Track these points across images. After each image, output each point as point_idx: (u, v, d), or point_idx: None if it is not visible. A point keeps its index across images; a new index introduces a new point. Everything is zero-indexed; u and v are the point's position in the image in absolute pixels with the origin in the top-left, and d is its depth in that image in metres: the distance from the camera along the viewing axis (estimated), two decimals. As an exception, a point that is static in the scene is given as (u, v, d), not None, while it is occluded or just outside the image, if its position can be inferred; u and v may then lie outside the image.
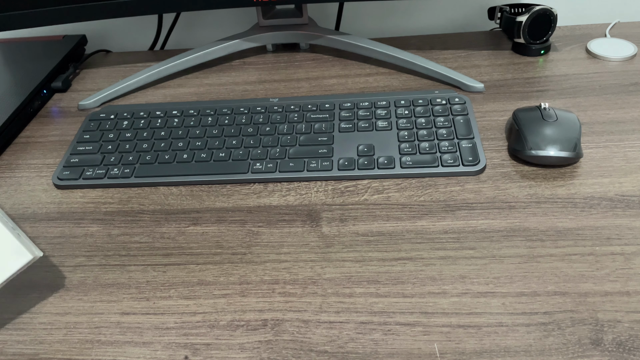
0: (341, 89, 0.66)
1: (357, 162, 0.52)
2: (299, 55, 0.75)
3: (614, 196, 0.47)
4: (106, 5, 0.64)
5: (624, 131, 0.54)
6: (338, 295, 0.41)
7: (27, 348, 0.40)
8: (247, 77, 0.71)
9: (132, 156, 0.56)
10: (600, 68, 0.65)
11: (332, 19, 0.82)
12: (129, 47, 0.87)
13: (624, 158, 0.51)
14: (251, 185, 0.53)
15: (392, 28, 0.84)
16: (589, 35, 0.72)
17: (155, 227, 0.49)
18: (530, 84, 0.63)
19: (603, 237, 0.44)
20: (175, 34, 0.85)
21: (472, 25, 0.82)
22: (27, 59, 0.75)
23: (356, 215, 0.48)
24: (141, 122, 0.61)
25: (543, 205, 0.47)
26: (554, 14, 0.66)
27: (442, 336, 0.38)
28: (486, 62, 0.69)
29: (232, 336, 0.39)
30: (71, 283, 0.45)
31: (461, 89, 0.63)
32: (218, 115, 0.60)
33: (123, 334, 0.40)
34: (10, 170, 0.58)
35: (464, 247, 0.44)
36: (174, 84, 0.71)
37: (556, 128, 0.51)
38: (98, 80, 0.74)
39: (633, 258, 0.42)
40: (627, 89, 0.61)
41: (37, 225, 0.51)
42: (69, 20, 0.65)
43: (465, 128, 0.55)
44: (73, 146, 0.58)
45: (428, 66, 0.65)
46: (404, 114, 0.58)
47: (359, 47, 0.69)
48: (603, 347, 0.36)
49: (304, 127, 0.57)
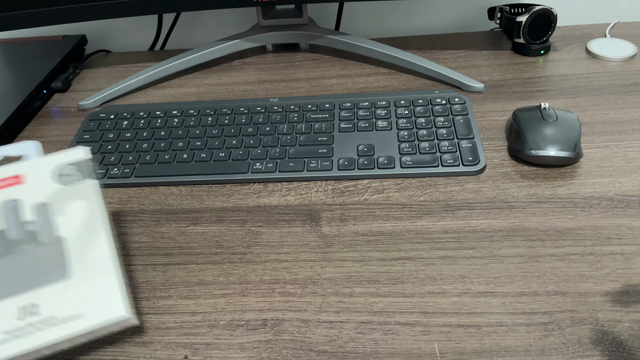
0: (341, 89, 0.66)
1: (357, 162, 0.52)
2: (299, 55, 0.75)
3: (614, 196, 0.47)
4: (106, 5, 0.64)
5: (624, 131, 0.54)
6: (338, 295, 0.41)
7: (27, 348, 0.40)
8: (247, 77, 0.71)
9: (132, 156, 0.56)
10: (600, 68, 0.65)
11: (332, 19, 0.82)
12: (128, 47, 0.87)
13: (624, 158, 0.51)
14: (251, 185, 0.52)
15: (392, 28, 0.84)
16: (589, 35, 0.72)
17: (155, 227, 0.49)
18: (530, 84, 0.63)
19: (603, 237, 0.44)
20: (175, 34, 0.85)
21: (472, 25, 0.82)
22: (27, 59, 0.75)
23: (356, 215, 0.48)
24: (141, 122, 0.61)
25: (543, 205, 0.47)
26: (554, 14, 0.66)
27: (442, 336, 0.38)
28: (486, 62, 0.69)
29: (232, 336, 0.39)
30: (71, 283, 0.45)
31: (461, 89, 0.63)
32: (218, 115, 0.60)
33: (123, 333, 0.40)
34: (10, 170, 0.58)
35: (463, 247, 0.44)
36: (174, 84, 0.71)
37: (556, 128, 0.51)
38: (98, 80, 0.74)
39: (633, 258, 0.42)
40: (627, 89, 0.61)
41: (37, 225, 0.51)
42: (68, 20, 0.65)
43: (465, 128, 0.55)
44: (73, 146, 0.58)
45: (428, 66, 0.65)
46: (404, 114, 0.58)
47: (359, 47, 0.69)
48: (603, 346, 0.36)
49: (304, 127, 0.57)
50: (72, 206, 0.39)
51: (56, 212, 0.39)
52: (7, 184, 0.39)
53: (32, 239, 0.38)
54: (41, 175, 0.40)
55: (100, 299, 0.36)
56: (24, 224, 0.38)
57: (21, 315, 0.35)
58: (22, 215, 0.39)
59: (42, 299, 0.36)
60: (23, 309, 0.35)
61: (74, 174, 0.40)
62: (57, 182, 0.40)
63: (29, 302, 0.36)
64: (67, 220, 0.39)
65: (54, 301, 0.36)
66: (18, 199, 0.39)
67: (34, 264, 0.37)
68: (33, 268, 0.37)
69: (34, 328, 0.35)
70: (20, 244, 0.38)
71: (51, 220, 0.39)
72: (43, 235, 0.38)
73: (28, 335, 0.34)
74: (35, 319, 0.35)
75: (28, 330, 0.35)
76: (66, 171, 0.40)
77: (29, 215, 0.39)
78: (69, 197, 0.39)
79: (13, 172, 0.40)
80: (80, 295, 0.36)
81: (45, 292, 0.36)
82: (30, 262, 0.37)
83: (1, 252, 0.37)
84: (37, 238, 0.38)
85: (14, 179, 0.40)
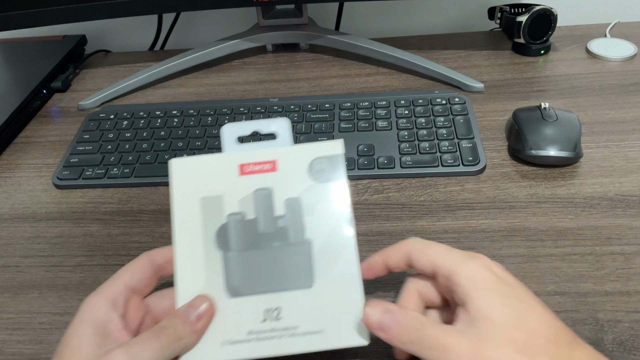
0: (341, 89, 0.66)
1: (357, 162, 0.52)
2: (299, 55, 0.75)
3: (614, 196, 0.47)
4: (106, 5, 0.64)
5: (624, 131, 0.54)
6: (338, 295, 0.41)
7: (27, 348, 0.40)
8: (247, 77, 0.71)
9: (132, 156, 0.56)
10: (600, 68, 0.65)
11: (332, 19, 0.82)
12: (128, 47, 0.87)
13: (624, 158, 0.51)
14: (251, 185, 0.52)
15: (392, 28, 0.84)
16: (589, 35, 0.72)
17: (155, 227, 0.49)
18: (530, 84, 0.63)
19: (603, 237, 0.44)
20: (175, 34, 0.84)
21: (472, 25, 0.82)
22: (26, 59, 0.75)
23: (356, 215, 0.48)
24: (141, 122, 0.60)
25: (543, 205, 0.47)
26: (554, 14, 0.66)
27: (442, 336, 0.38)
28: (486, 62, 0.69)
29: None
30: (71, 283, 0.45)
31: (461, 88, 0.63)
32: (218, 115, 0.60)
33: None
34: (10, 170, 0.58)
35: (464, 247, 0.44)
36: (174, 84, 0.71)
37: (556, 128, 0.51)
38: (98, 80, 0.74)
39: (633, 258, 0.42)
40: (628, 89, 0.61)
41: (37, 225, 0.51)
42: (68, 20, 0.65)
43: (465, 128, 0.55)
44: (73, 146, 0.58)
45: (428, 66, 0.65)
46: (404, 114, 0.57)
47: (359, 47, 0.69)
48: (603, 347, 0.36)
49: (304, 127, 0.57)
50: (321, 207, 0.35)
51: (305, 210, 0.35)
52: (261, 170, 0.35)
53: (281, 236, 0.34)
54: (295, 167, 0.35)
55: (343, 319, 0.33)
56: (275, 218, 0.35)
57: (265, 318, 0.33)
58: (273, 208, 0.35)
59: (286, 304, 0.33)
60: (268, 311, 0.33)
61: (326, 170, 0.35)
62: (310, 177, 0.35)
63: (274, 304, 0.33)
64: (314, 222, 0.34)
65: (297, 310, 0.33)
66: (270, 188, 0.35)
67: (283, 265, 0.34)
68: (281, 268, 0.34)
69: (275, 334, 0.33)
70: (270, 238, 0.34)
71: (301, 218, 0.35)
72: (293, 234, 0.34)
73: (268, 341, 0.33)
74: (277, 324, 0.33)
75: (269, 335, 0.33)
76: (319, 166, 0.35)
77: (278, 208, 0.35)
78: (320, 197, 0.35)
79: (269, 157, 0.35)
80: (322, 309, 0.33)
81: (290, 297, 0.33)
82: (278, 262, 0.34)
83: (251, 244, 0.34)
84: (287, 236, 0.34)
85: (269, 165, 0.35)
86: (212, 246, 0.34)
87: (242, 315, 0.33)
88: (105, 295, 0.33)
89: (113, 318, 0.32)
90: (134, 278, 0.34)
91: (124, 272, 0.34)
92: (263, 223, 0.35)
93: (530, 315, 0.30)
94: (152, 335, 0.31)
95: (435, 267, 0.33)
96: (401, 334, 0.30)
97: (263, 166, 0.35)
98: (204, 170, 0.35)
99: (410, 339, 0.30)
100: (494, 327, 0.29)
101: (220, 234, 0.34)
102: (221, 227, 0.34)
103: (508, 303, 0.30)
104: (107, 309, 0.32)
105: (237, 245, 0.34)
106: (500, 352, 0.28)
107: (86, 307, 0.32)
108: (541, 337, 0.29)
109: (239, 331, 0.33)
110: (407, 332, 0.30)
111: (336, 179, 0.35)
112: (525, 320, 0.29)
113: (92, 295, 0.33)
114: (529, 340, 0.28)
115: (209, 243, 0.34)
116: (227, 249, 0.34)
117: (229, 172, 0.35)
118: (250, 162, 0.35)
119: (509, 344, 0.28)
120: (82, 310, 0.32)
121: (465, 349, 0.28)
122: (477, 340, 0.29)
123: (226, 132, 0.36)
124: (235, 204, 0.35)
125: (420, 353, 0.30)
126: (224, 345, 0.33)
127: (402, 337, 0.30)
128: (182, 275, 0.34)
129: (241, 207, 0.35)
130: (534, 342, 0.28)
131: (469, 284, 0.31)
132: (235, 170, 0.35)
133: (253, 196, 0.35)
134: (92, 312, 0.32)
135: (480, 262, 0.32)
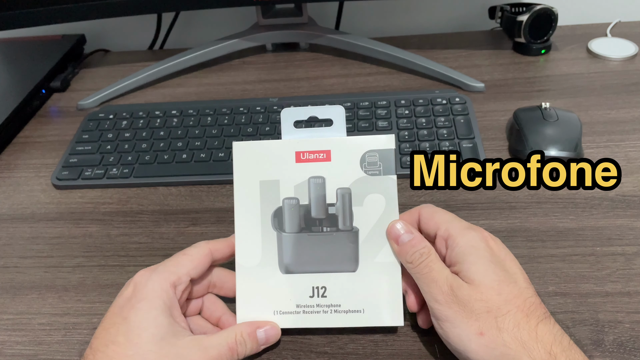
0: (341, 88, 0.66)
1: (357, 162, 0.52)
2: (298, 54, 0.75)
3: (615, 196, 0.47)
4: (105, 5, 0.64)
5: (625, 131, 0.54)
6: (338, 296, 0.41)
7: (26, 349, 0.40)
8: (247, 76, 0.71)
9: (131, 156, 0.56)
10: (601, 68, 0.65)
11: (332, 19, 0.82)
12: (128, 46, 0.86)
13: (625, 158, 0.51)
14: (251, 185, 0.52)
15: (392, 27, 0.84)
16: (590, 34, 0.71)
17: (154, 228, 0.49)
18: (531, 84, 0.63)
19: (604, 237, 0.43)
20: (175, 34, 0.84)
21: (472, 24, 0.82)
22: (25, 58, 0.75)
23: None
24: (140, 122, 0.60)
25: (544, 206, 0.47)
26: (555, 13, 0.66)
27: (442, 337, 0.38)
28: (487, 61, 0.68)
29: (232, 337, 0.39)
30: (70, 283, 0.45)
31: (462, 88, 0.63)
32: (217, 115, 0.60)
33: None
34: (9, 171, 0.58)
35: (464, 247, 0.44)
36: (173, 84, 0.71)
37: (557, 128, 0.50)
38: (97, 80, 0.74)
39: (634, 258, 0.41)
40: (628, 89, 0.60)
41: (36, 225, 0.51)
42: (67, 19, 0.64)
43: (465, 128, 0.55)
44: (72, 146, 0.58)
45: (428, 66, 0.65)
46: (405, 114, 0.57)
47: (359, 46, 0.68)
48: (604, 347, 0.36)
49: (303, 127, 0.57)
50: (370, 199, 0.37)
51: (355, 200, 0.37)
52: (316, 159, 0.38)
53: (331, 223, 0.37)
54: (348, 158, 0.37)
55: (382, 301, 0.37)
56: (327, 206, 0.37)
57: (313, 294, 0.37)
58: (325, 196, 0.37)
59: (332, 284, 0.37)
60: (316, 288, 0.37)
61: (377, 163, 0.37)
62: (362, 169, 0.37)
63: (321, 284, 0.37)
64: (362, 213, 0.37)
65: (341, 290, 0.37)
66: (324, 177, 0.37)
67: (331, 249, 0.37)
68: (330, 252, 0.37)
69: (321, 309, 0.37)
70: (321, 224, 0.38)
71: (351, 208, 0.37)
72: (342, 222, 0.37)
73: (314, 314, 0.37)
74: (322, 301, 0.37)
75: (315, 309, 0.37)
76: (371, 159, 0.37)
77: (330, 196, 0.37)
78: (369, 189, 0.37)
79: (324, 147, 0.38)
80: (364, 291, 0.37)
81: (336, 278, 0.37)
82: (327, 246, 0.37)
83: (303, 227, 0.37)
84: (336, 223, 0.37)
85: (323, 154, 0.38)
86: (268, 226, 0.38)
87: (292, 291, 0.37)
88: (168, 279, 0.34)
89: (175, 304, 0.34)
90: (196, 270, 0.36)
91: (185, 260, 0.36)
92: (315, 209, 0.38)
93: (511, 285, 0.32)
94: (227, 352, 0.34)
95: (438, 230, 0.36)
96: (408, 252, 0.35)
97: (318, 155, 0.38)
98: (264, 155, 0.38)
99: (410, 259, 0.35)
100: (474, 285, 0.32)
101: (276, 215, 0.38)
102: (277, 209, 0.38)
103: (493, 270, 0.33)
104: (172, 293, 0.34)
105: (290, 228, 0.38)
106: (473, 304, 0.31)
107: (152, 286, 0.34)
108: (513, 304, 0.31)
109: (289, 304, 0.37)
110: (413, 254, 0.34)
111: (386, 173, 0.37)
112: (504, 287, 0.32)
113: (155, 276, 0.34)
114: (500, 304, 0.31)
115: (266, 223, 0.38)
116: (281, 230, 0.37)
117: (286, 158, 0.38)
118: (306, 149, 0.38)
119: (482, 302, 0.31)
120: (148, 288, 0.34)
121: (445, 288, 0.33)
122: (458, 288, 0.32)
123: (284, 116, 0.39)
124: (290, 189, 0.38)
125: (414, 277, 0.35)
126: (275, 315, 0.37)
127: (407, 255, 0.35)
128: (240, 250, 0.38)
129: (296, 193, 0.38)
130: (505, 307, 0.31)
131: (463, 250, 0.34)
132: (292, 156, 0.38)
133: (307, 183, 0.38)
134: (158, 294, 0.33)
135: (479, 233, 0.35)
